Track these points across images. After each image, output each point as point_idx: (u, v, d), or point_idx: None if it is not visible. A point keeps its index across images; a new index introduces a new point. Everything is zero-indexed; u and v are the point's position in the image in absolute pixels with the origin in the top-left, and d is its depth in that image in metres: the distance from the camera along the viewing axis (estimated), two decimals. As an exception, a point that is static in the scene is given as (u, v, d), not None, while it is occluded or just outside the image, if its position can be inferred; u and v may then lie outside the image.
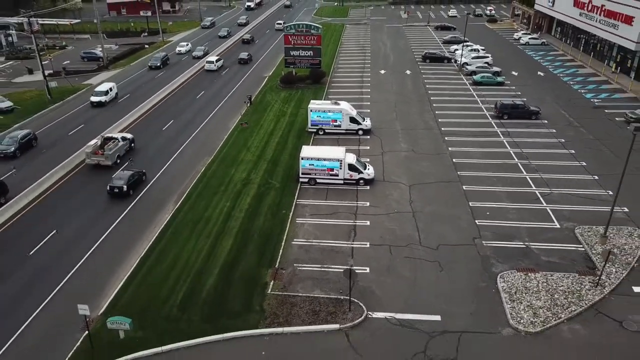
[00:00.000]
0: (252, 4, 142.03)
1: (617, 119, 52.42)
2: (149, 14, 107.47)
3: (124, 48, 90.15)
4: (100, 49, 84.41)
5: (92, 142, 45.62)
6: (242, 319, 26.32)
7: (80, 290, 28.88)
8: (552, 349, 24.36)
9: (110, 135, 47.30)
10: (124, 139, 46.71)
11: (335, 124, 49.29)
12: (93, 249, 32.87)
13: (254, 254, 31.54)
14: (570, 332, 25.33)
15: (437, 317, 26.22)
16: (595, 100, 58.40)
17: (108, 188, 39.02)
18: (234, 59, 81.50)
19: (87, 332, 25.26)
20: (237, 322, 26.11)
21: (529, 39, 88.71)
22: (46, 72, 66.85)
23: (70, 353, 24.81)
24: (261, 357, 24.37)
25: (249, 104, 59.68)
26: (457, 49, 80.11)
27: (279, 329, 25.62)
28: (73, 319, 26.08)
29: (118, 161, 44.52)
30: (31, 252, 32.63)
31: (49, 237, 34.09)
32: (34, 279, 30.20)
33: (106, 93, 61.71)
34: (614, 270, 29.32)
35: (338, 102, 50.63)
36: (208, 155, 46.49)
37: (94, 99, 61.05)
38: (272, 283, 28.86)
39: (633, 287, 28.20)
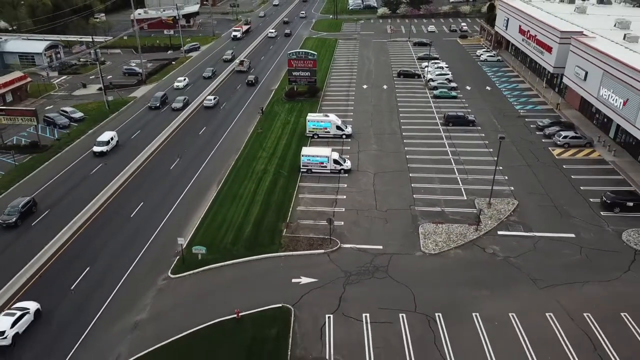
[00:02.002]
0: (238, 34, 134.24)
1: (531, 125, 71.84)
2: (172, 32, 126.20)
3: (156, 64, 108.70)
4: (135, 64, 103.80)
5: (237, 61, 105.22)
6: (268, 248, 45.74)
7: (170, 234, 48.23)
8: (441, 262, 43.78)
9: (242, 59, 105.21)
10: (248, 59, 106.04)
11: (325, 130, 68.49)
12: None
13: (273, 215, 50.86)
14: (454, 254, 44.76)
15: (380, 247, 45.59)
16: (521, 111, 77.76)
17: (247, 81, 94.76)
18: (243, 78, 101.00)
19: (181, 255, 44.62)
20: (266, 249, 45.54)
21: (487, 56, 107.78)
22: (99, 87, 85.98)
23: (171, 266, 44.17)
24: (279, 267, 43.70)
25: (261, 114, 78.86)
26: (427, 66, 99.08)
27: (290, 253, 45.04)
28: (169, 250, 45.60)
29: (247, 69, 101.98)
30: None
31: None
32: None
33: (107, 143, 64.54)
34: (489, 222, 48.81)
35: (328, 114, 69.91)
36: (235, 153, 65.83)
37: (96, 148, 63.73)
38: (285, 230, 48.21)
39: (498, 231, 47.67)
